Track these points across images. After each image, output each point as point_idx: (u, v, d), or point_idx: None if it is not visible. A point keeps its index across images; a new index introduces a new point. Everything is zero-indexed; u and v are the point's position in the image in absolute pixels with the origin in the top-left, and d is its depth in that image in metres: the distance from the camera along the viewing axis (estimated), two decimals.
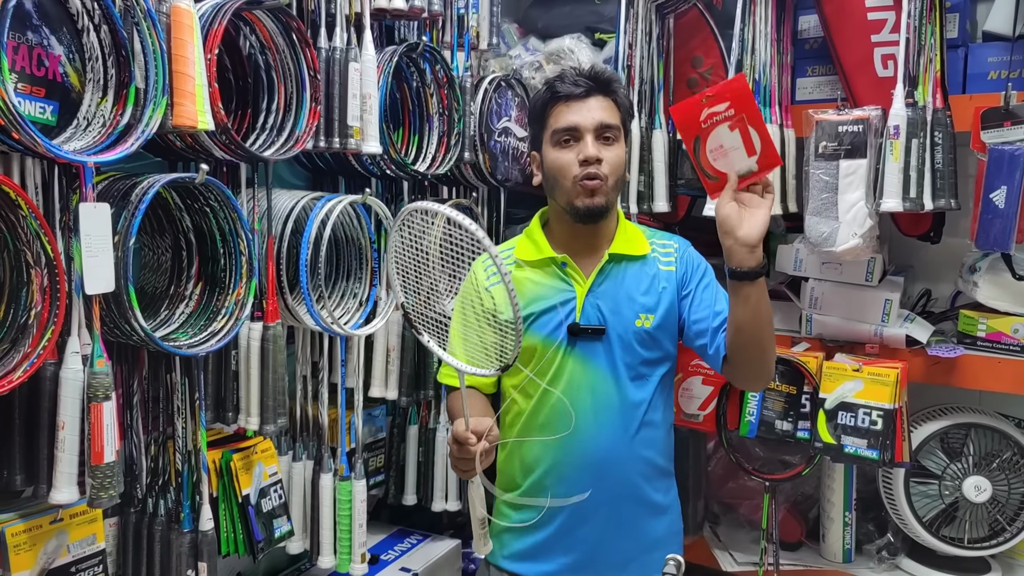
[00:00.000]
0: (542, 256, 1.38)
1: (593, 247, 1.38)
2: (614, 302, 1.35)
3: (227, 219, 1.25)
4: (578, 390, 1.34)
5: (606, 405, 1.34)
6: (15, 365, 0.98)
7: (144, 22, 1.08)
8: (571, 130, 1.31)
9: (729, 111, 1.22)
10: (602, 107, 1.32)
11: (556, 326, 1.35)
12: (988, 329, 1.58)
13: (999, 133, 1.45)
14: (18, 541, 1.07)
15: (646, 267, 1.39)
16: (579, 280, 1.36)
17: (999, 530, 1.63)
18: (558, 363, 1.35)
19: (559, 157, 1.33)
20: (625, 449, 1.35)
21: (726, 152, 1.24)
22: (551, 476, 1.36)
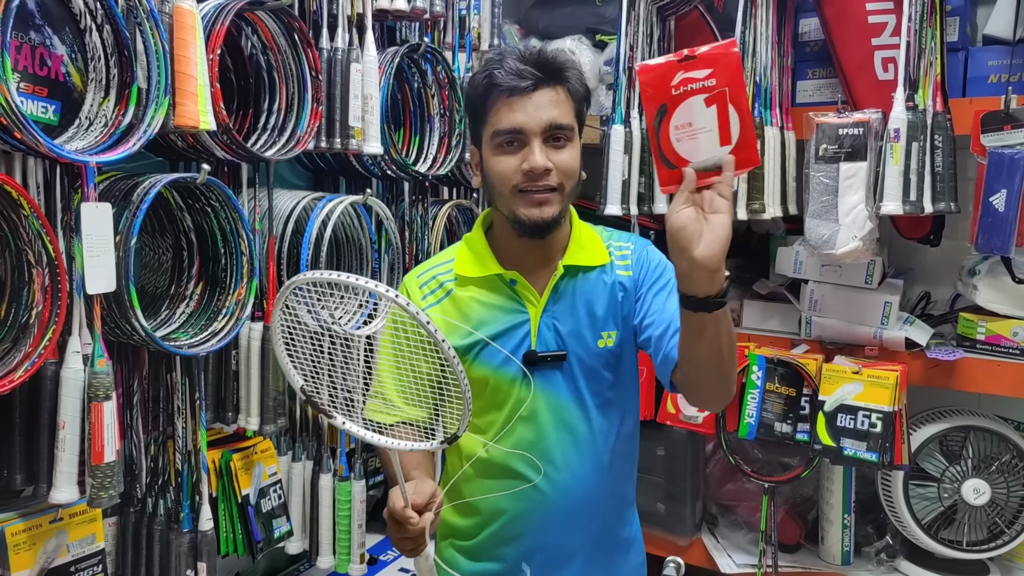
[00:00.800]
0: (488, 272, 1.17)
1: (545, 259, 1.18)
2: (573, 322, 1.17)
3: (228, 219, 1.26)
4: (541, 425, 1.16)
5: (574, 440, 1.17)
6: (16, 364, 0.98)
7: (147, 22, 1.08)
8: (515, 132, 1.10)
9: (710, 80, 0.92)
10: (552, 102, 1.10)
11: (508, 355, 1.15)
12: (987, 332, 1.59)
13: (999, 137, 1.46)
14: (18, 540, 1.07)
15: (604, 276, 1.19)
16: (532, 300, 1.17)
17: (998, 533, 1.63)
18: (515, 399, 1.16)
19: (500, 163, 1.12)
20: (603, 488, 1.19)
21: (694, 133, 0.94)
22: (516, 526, 1.18)
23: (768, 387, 1.65)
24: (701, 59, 0.93)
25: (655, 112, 0.95)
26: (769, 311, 1.82)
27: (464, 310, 1.18)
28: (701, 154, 0.94)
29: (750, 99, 1.61)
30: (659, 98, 0.95)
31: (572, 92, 1.14)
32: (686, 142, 0.95)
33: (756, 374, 1.66)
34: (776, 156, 1.61)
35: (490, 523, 1.20)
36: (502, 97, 1.11)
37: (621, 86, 1.72)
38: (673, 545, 1.83)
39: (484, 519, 1.20)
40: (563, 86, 1.13)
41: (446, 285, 1.20)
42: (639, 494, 1.30)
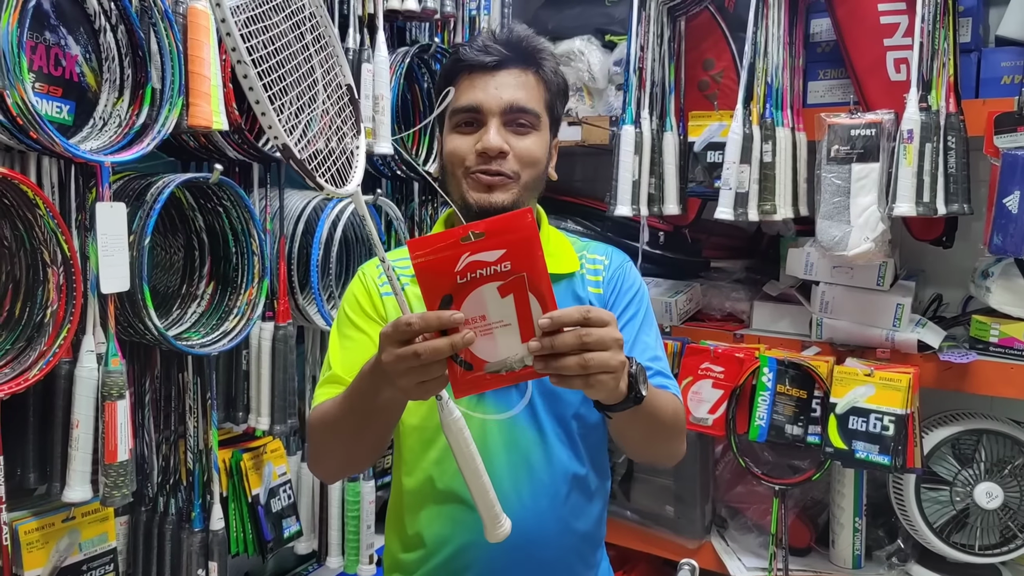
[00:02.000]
0: None
1: None
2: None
3: (240, 219, 1.26)
4: (490, 449, 1.01)
5: (527, 467, 1.02)
6: (31, 363, 0.99)
7: (161, 23, 1.08)
8: (471, 111, 1.00)
9: (503, 264, 0.75)
10: (517, 84, 1.01)
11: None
12: (1001, 335, 1.57)
13: (1012, 138, 1.45)
14: (31, 539, 1.08)
15: (572, 287, 1.07)
16: None
17: (1010, 537, 1.62)
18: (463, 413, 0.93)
19: (453, 140, 1.02)
20: (559, 523, 1.04)
21: (489, 328, 0.76)
22: (462, 559, 1.03)
23: (779, 389, 1.65)
24: (489, 236, 0.74)
25: (437, 304, 0.76)
26: (779, 312, 1.81)
27: (417, 308, 1.00)
28: (500, 353, 0.77)
29: (762, 100, 1.60)
30: (441, 287, 0.75)
31: (545, 79, 1.05)
32: (481, 340, 0.77)
33: (767, 376, 1.65)
34: (787, 157, 1.61)
35: (434, 555, 1.05)
36: (464, 74, 1.02)
37: (631, 87, 1.72)
38: (682, 548, 1.82)
39: (428, 551, 1.05)
40: (533, 71, 1.03)
41: (402, 279, 1.06)
42: (648, 497, 1.28)
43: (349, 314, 1.06)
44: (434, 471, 1.03)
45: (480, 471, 0.85)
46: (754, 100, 1.60)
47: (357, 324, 1.05)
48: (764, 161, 1.58)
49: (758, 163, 1.58)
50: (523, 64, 1.02)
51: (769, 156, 1.58)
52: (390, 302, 1.05)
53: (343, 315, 1.07)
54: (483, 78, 1.01)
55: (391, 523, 1.12)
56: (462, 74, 1.03)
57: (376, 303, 1.05)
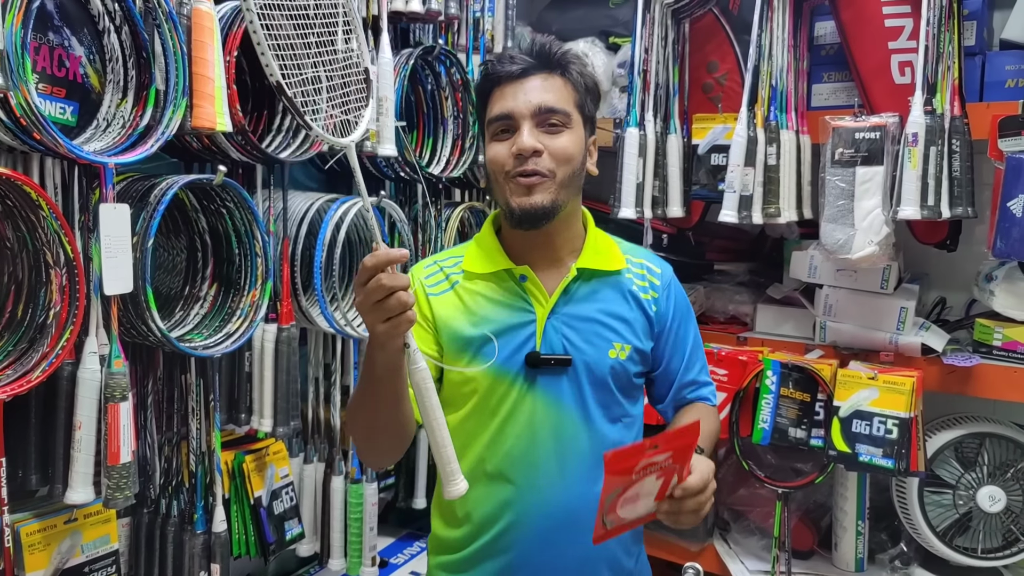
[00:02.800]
0: (497, 268, 1.12)
1: (556, 260, 1.14)
2: (583, 328, 1.11)
3: (243, 220, 1.26)
4: (539, 435, 1.09)
5: (574, 452, 1.10)
6: (33, 365, 0.99)
7: (165, 24, 1.08)
8: (504, 118, 1.07)
9: (668, 462, 0.95)
10: (544, 87, 1.07)
11: (510, 354, 1.09)
12: (1004, 338, 1.57)
13: (1016, 141, 1.44)
14: (33, 541, 1.07)
15: (620, 286, 1.15)
16: (540, 299, 1.12)
17: (1013, 540, 1.62)
18: (513, 401, 1.09)
19: (491, 149, 1.09)
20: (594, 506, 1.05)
21: (636, 498, 0.97)
22: (507, 537, 1.11)
23: (782, 392, 1.64)
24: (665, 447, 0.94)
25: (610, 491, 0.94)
26: (783, 316, 1.81)
27: (469, 304, 1.12)
28: (639, 511, 0.99)
29: (766, 102, 1.60)
30: (621, 481, 0.94)
31: (572, 81, 1.10)
32: (628, 507, 0.97)
33: (770, 379, 1.65)
34: (791, 160, 1.61)
35: (482, 534, 1.12)
36: (496, 86, 1.10)
37: (635, 89, 1.71)
38: (685, 551, 1.82)
39: (474, 529, 1.13)
40: (559, 74, 1.10)
41: (452, 278, 1.16)
42: None
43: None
44: (485, 453, 1.11)
45: (441, 424, 0.93)
46: (758, 103, 1.60)
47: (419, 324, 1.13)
48: (768, 164, 1.58)
49: (762, 166, 1.58)
50: (548, 69, 1.09)
51: (773, 159, 1.58)
52: (437, 302, 1.13)
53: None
54: (512, 87, 1.08)
55: (437, 505, 1.19)
56: (494, 88, 1.10)
57: (423, 306, 1.14)
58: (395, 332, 0.89)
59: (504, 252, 1.14)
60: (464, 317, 1.12)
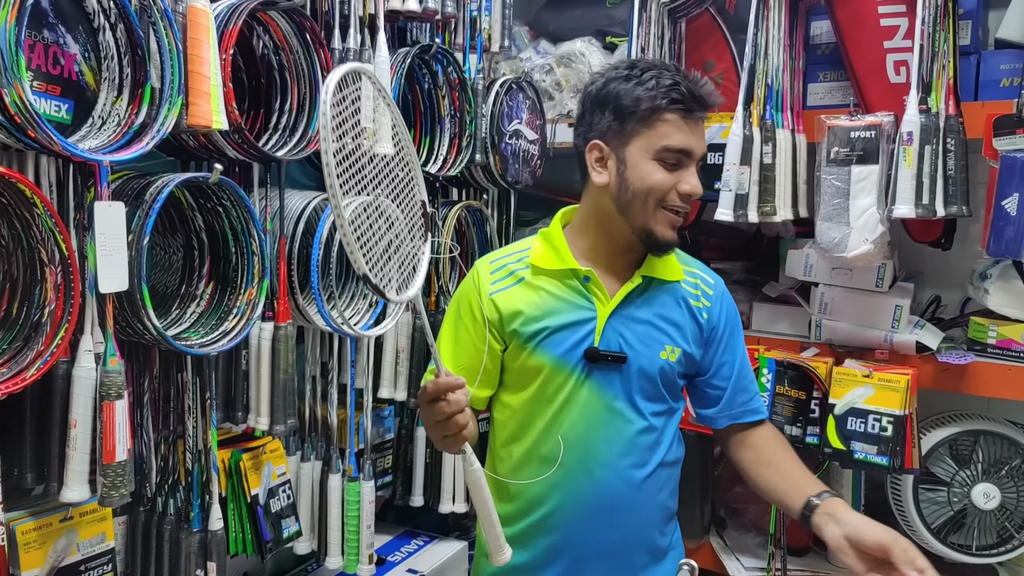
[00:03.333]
0: (564, 267, 1.22)
1: (621, 265, 1.23)
2: (639, 329, 1.21)
3: (240, 219, 1.25)
4: (593, 424, 1.19)
5: (622, 441, 1.20)
6: (28, 363, 0.98)
7: (160, 21, 1.08)
8: (683, 153, 1.14)
9: None
10: (704, 134, 1.19)
11: (571, 347, 1.19)
12: (998, 336, 1.58)
13: (1011, 140, 1.45)
14: (28, 539, 1.07)
15: (675, 293, 1.25)
16: (602, 299, 1.20)
17: (1007, 537, 1.63)
18: (569, 390, 1.19)
19: (656, 175, 1.14)
20: (639, 493, 1.21)
21: None
22: (556, 517, 1.21)
23: (778, 390, 1.65)
24: None
25: None
26: (779, 314, 1.81)
27: (533, 297, 1.22)
28: None
29: (762, 101, 1.60)
30: None
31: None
32: None
33: (766, 377, 1.65)
34: (787, 159, 1.61)
35: (532, 511, 1.22)
36: (676, 114, 1.14)
37: None
38: None
39: (525, 506, 1.23)
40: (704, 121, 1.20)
41: (518, 273, 1.25)
42: None
43: (461, 312, 1.25)
44: (540, 437, 1.21)
45: (491, 510, 1.04)
46: (754, 102, 1.60)
47: (466, 324, 1.25)
48: (764, 163, 1.58)
49: (758, 165, 1.59)
50: (704, 116, 1.19)
51: (769, 158, 1.58)
52: (501, 298, 1.23)
53: (456, 309, 1.27)
54: (693, 125, 1.15)
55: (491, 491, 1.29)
56: (675, 113, 1.14)
57: (484, 303, 1.23)
58: (453, 445, 1.03)
59: (570, 251, 1.23)
60: (531, 310, 1.21)
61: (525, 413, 1.22)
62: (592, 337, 1.19)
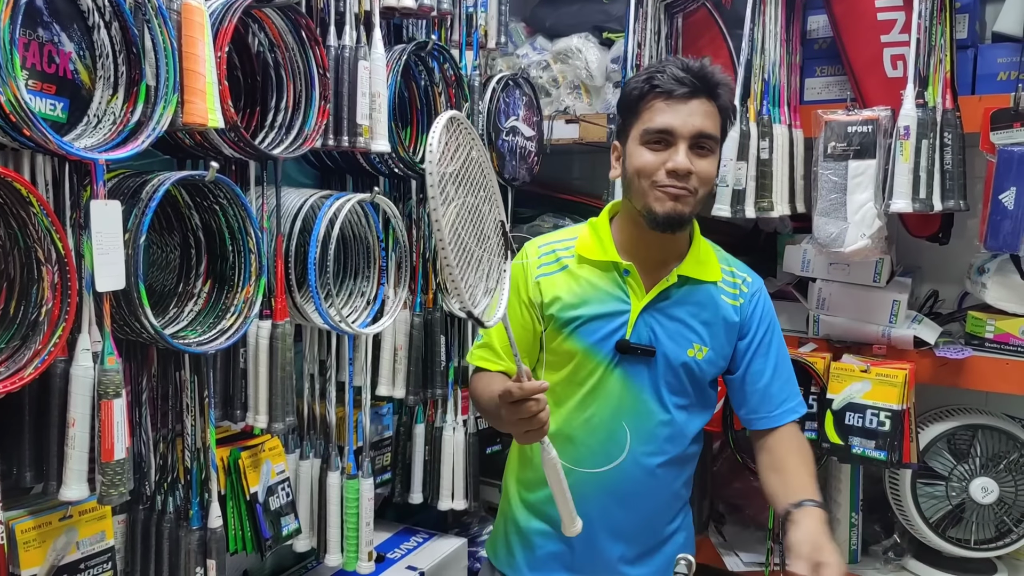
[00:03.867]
0: (606, 258, 1.26)
1: (661, 260, 1.26)
2: (670, 325, 1.25)
3: (236, 217, 1.25)
4: (618, 411, 1.26)
5: (644, 429, 1.26)
6: (26, 362, 0.98)
7: (155, 19, 1.07)
8: (665, 132, 1.17)
9: None
10: (704, 112, 1.18)
11: (603, 337, 1.25)
12: (996, 330, 1.58)
13: (1008, 134, 1.45)
14: (28, 538, 1.07)
15: (712, 296, 1.28)
16: (638, 293, 1.25)
17: (1005, 531, 1.63)
18: (599, 376, 1.25)
19: (644, 157, 1.19)
20: (653, 480, 1.27)
21: None
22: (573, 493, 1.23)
23: None
24: None
25: None
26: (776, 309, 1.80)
27: (573, 285, 1.27)
28: None
29: (759, 97, 1.60)
30: None
31: (721, 108, 1.21)
32: None
33: None
34: (784, 154, 1.61)
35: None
36: (659, 99, 1.18)
37: None
38: None
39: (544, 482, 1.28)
40: (714, 101, 1.20)
41: (563, 260, 1.30)
42: None
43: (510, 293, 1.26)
44: (569, 416, 1.27)
45: (565, 489, 1.11)
46: (751, 97, 1.60)
47: (513, 304, 1.29)
48: (761, 158, 1.58)
49: (755, 160, 1.58)
50: (708, 95, 1.19)
51: (766, 153, 1.58)
52: (546, 282, 1.28)
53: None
54: (676, 105, 1.17)
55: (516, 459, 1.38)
56: (657, 98, 1.18)
57: (530, 286, 1.29)
58: (536, 437, 1.06)
59: (614, 244, 1.28)
60: (570, 297, 1.27)
61: (557, 393, 1.27)
62: (625, 329, 1.24)
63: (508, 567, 1.36)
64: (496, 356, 1.30)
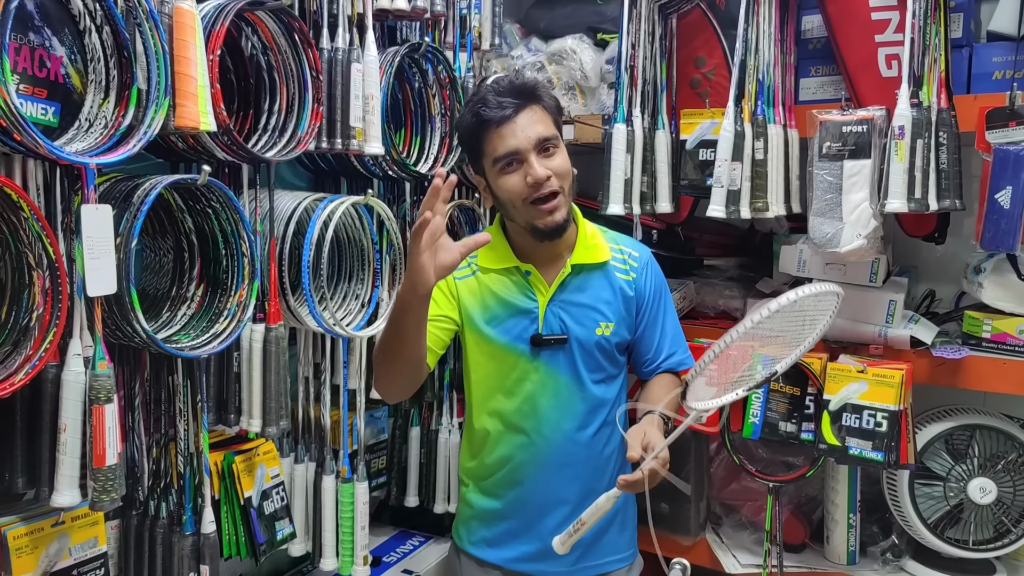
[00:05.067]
0: (507, 265, 1.41)
1: (555, 256, 1.41)
2: (576, 311, 1.40)
3: (229, 220, 1.25)
4: (542, 395, 1.40)
5: (570, 409, 1.41)
6: (17, 367, 0.98)
7: (146, 23, 1.07)
8: (512, 154, 1.30)
9: None
10: (534, 120, 1.31)
11: (519, 333, 1.40)
12: (993, 330, 1.58)
13: (1004, 133, 1.45)
14: (20, 544, 1.07)
15: (606, 275, 1.43)
16: (542, 290, 1.40)
17: (1004, 532, 1.62)
18: (521, 368, 1.40)
19: (507, 182, 1.32)
20: (586, 450, 1.42)
21: None
22: (520, 472, 1.43)
23: (772, 386, 1.65)
24: None
25: None
26: None
27: (483, 292, 1.42)
28: None
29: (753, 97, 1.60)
30: None
31: (547, 107, 1.34)
32: None
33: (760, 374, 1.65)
34: (779, 154, 1.61)
35: (499, 468, 1.45)
36: (491, 128, 1.30)
37: (623, 85, 1.71)
38: (677, 545, 1.82)
39: (495, 464, 1.45)
40: (538, 104, 1.32)
41: (472, 266, 1.44)
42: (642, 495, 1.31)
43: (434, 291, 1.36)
44: (501, 407, 1.42)
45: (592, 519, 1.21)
46: (746, 97, 1.60)
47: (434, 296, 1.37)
48: (756, 158, 1.58)
49: (750, 160, 1.58)
50: (530, 103, 1.32)
51: (761, 153, 1.58)
52: (462, 285, 1.43)
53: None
54: (509, 126, 1.30)
55: (466, 452, 1.53)
56: (490, 129, 1.31)
57: (448, 280, 1.41)
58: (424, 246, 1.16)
59: (511, 250, 1.42)
60: (482, 302, 1.42)
61: (489, 385, 1.43)
62: (536, 324, 1.39)
63: (470, 545, 1.51)
64: None
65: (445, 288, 1.43)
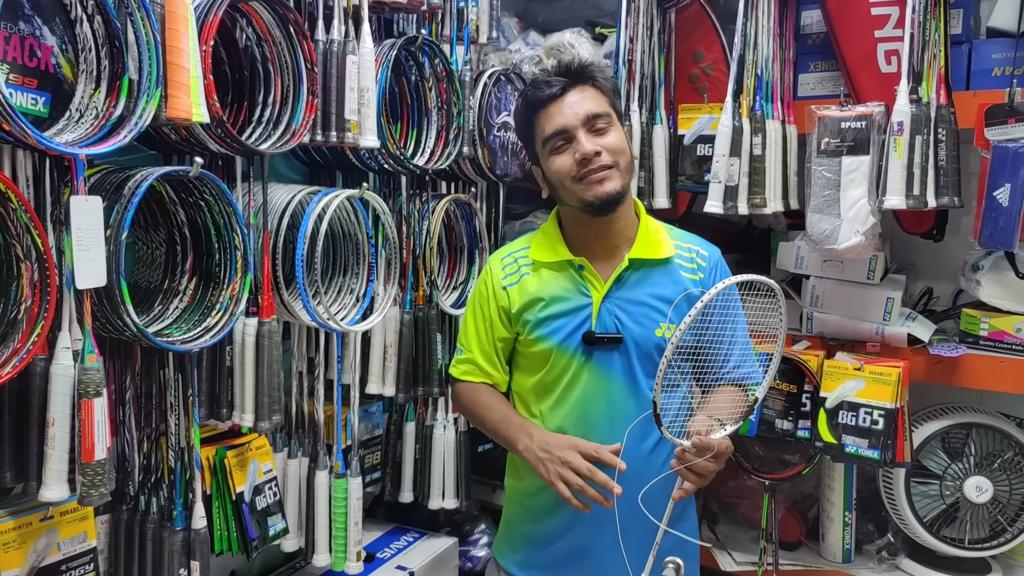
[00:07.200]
0: (559, 258, 1.33)
1: (612, 248, 1.32)
2: (633, 309, 1.29)
3: (222, 213, 1.24)
4: (593, 401, 1.29)
5: (623, 415, 1.27)
6: (4, 360, 0.97)
7: (138, 12, 1.06)
8: (561, 133, 1.26)
9: None
10: (584, 98, 1.27)
11: (570, 332, 1.30)
12: (990, 328, 1.57)
13: (1003, 130, 1.44)
14: (8, 539, 1.06)
15: (669, 272, 1.31)
16: (596, 285, 1.30)
17: (1000, 531, 1.62)
18: (573, 372, 1.30)
19: (555, 162, 1.28)
20: (643, 463, 1.28)
21: None
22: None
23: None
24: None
25: None
26: None
27: (536, 289, 1.34)
28: None
29: (752, 92, 1.59)
30: None
31: (600, 87, 1.29)
32: None
33: None
34: (777, 150, 1.60)
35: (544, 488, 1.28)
36: (540, 109, 1.28)
37: (621, 79, 1.70)
38: None
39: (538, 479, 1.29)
40: (589, 83, 1.28)
41: (522, 267, 1.37)
42: None
43: (480, 305, 1.39)
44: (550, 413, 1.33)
45: None
46: (744, 93, 1.59)
47: (485, 315, 1.38)
48: (754, 154, 1.57)
49: (748, 156, 1.57)
50: (580, 82, 1.28)
51: (759, 149, 1.57)
52: (513, 291, 1.35)
53: (476, 303, 1.40)
54: (557, 105, 1.27)
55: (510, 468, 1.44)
56: (539, 110, 1.28)
57: (499, 296, 1.36)
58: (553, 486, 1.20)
59: (565, 244, 1.34)
60: (534, 300, 1.33)
61: (536, 392, 1.34)
62: (589, 322, 1.29)
63: (514, 565, 1.41)
64: (478, 370, 1.39)
65: (496, 305, 1.37)
